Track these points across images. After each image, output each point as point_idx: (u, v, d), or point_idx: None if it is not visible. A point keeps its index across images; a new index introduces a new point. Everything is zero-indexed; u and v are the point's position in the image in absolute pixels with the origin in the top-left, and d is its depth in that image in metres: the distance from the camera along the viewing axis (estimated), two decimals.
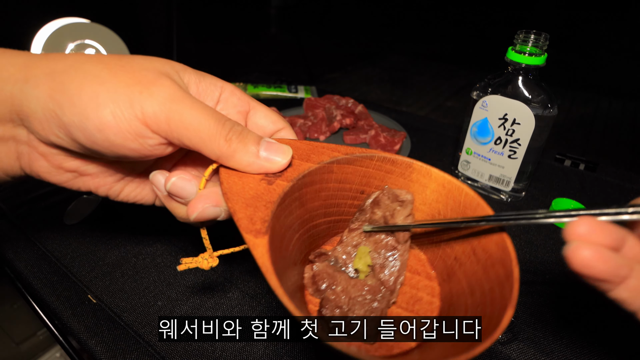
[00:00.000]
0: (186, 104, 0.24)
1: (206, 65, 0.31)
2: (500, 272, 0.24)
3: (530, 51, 0.43)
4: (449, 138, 0.67)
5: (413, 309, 0.29)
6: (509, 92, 0.46)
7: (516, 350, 0.33)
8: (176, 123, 0.24)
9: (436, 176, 0.29)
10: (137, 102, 0.23)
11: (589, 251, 0.18)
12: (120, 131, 0.23)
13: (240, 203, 0.25)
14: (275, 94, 0.83)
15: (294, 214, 0.28)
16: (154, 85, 0.24)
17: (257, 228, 0.24)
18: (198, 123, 0.24)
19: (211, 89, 0.29)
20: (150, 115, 0.23)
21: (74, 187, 0.28)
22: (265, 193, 0.26)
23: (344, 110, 0.69)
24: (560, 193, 0.54)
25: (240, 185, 0.26)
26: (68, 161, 0.26)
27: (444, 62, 1.24)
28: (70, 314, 0.35)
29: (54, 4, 0.63)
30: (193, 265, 0.27)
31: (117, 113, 0.23)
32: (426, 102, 0.95)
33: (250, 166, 0.26)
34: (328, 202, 0.31)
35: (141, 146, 0.24)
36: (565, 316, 0.36)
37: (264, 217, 0.24)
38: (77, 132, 0.23)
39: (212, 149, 0.25)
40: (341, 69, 1.14)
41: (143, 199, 0.31)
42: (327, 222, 0.32)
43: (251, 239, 0.23)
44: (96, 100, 0.23)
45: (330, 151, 0.30)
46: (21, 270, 0.39)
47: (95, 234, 0.44)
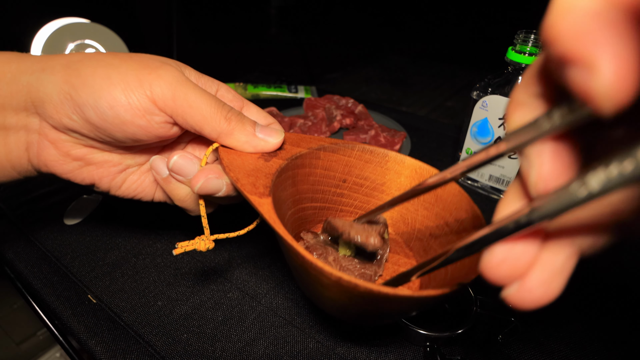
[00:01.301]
0: (190, 86, 0.26)
1: (206, 65, 0.33)
2: (469, 226, 0.27)
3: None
4: (449, 138, 0.67)
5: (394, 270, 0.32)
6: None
7: (516, 350, 0.33)
8: (181, 101, 0.26)
9: (409, 163, 0.33)
10: (147, 81, 0.25)
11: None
12: (130, 108, 0.25)
13: (242, 173, 0.27)
14: (275, 94, 0.83)
15: (288, 191, 0.30)
16: (161, 69, 0.26)
17: (260, 191, 0.26)
18: (201, 102, 0.26)
19: (209, 84, 0.31)
20: (158, 93, 0.25)
21: (78, 178, 0.29)
22: (263, 167, 0.28)
23: (344, 110, 0.69)
24: None
25: (240, 161, 0.28)
26: (76, 148, 0.28)
27: (444, 62, 1.23)
28: (70, 314, 0.35)
29: (54, 4, 0.63)
30: (190, 247, 0.28)
31: (128, 91, 0.25)
32: (426, 102, 0.95)
33: (248, 143, 0.29)
34: (315, 188, 0.34)
35: (148, 123, 0.26)
36: (565, 316, 0.36)
37: (265, 183, 0.27)
38: (89, 111, 0.25)
39: (213, 126, 0.27)
40: (341, 69, 1.14)
41: (143, 192, 0.32)
42: (313, 207, 0.35)
43: (256, 199, 0.25)
44: (108, 81, 0.25)
45: (317, 140, 0.33)
46: (21, 270, 0.39)
47: (95, 234, 0.44)
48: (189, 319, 0.34)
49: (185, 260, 0.41)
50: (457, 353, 0.33)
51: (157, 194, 0.33)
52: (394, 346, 0.33)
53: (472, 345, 0.33)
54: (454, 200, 0.30)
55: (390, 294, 0.20)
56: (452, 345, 0.33)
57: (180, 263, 0.40)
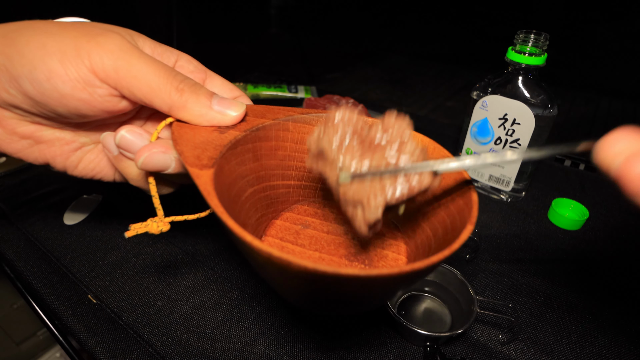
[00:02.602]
0: (134, 54, 0.24)
1: (206, 64, 0.32)
2: (461, 203, 0.25)
3: (530, 51, 0.43)
4: (449, 138, 0.67)
5: (377, 265, 0.30)
6: (508, 92, 0.45)
7: (516, 350, 0.33)
8: (124, 72, 0.24)
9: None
10: (85, 50, 0.23)
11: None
12: (68, 79, 0.23)
13: (189, 146, 0.24)
14: (275, 94, 0.83)
15: (247, 166, 0.28)
16: (102, 36, 0.24)
17: (203, 163, 0.23)
18: (147, 71, 0.24)
19: (167, 54, 0.29)
20: (98, 63, 0.23)
21: (30, 157, 0.27)
22: (215, 139, 0.26)
23: None
24: (560, 193, 0.54)
25: (191, 134, 0.26)
26: (22, 125, 0.26)
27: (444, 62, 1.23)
28: (70, 314, 0.35)
29: (54, 4, 0.63)
30: (142, 230, 0.26)
31: (65, 61, 0.22)
32: (426, 102, 0.95)
33: (203, 117, 0.26)
34: (286, 164, 0.31)
35: (91, 96, 0.24)
36: (565, 316, 0.36)
37: (211, 155, 0.24)
38: (26, 84, 0.23)
39: (163, 98, 0.25)
40: (341, 69, 1.14)
41: (102, 172, 0.30)
42: (285, 185, 0.32)
43: (195, 171, 0.22)
44: (44, 50, 0.22)
45: (286, 111, 0.30)
46: (21, 270, 0.39)
47: (95, 234, 0.43)
48: (189, 319, 0.34)
49: (186, 260, 0.41)
50: (457, 353, 0.33)
51: (117, 173, 0.30)
52: (394, 346, 0.33)
53: (472, 345, 0.33)
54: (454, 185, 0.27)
55: (329, 272, 0.17)
56: (452, 345, 0.33)
57: (181, 263, 0.40)
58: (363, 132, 0.24)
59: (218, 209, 0.20)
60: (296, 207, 0.34)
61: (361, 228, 0.23)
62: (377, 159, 0.23)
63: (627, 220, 0.49)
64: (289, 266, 0.17)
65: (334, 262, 0.29)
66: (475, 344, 0.33)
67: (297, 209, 0.34)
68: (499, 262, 0.42)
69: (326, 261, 0.29)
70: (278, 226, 0.32)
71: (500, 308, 0.35)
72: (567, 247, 0.45)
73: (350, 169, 0.23)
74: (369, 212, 0.22)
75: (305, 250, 0.30)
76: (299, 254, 0.30)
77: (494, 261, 0.42)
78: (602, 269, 0.42)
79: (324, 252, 0.30)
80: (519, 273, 0.41)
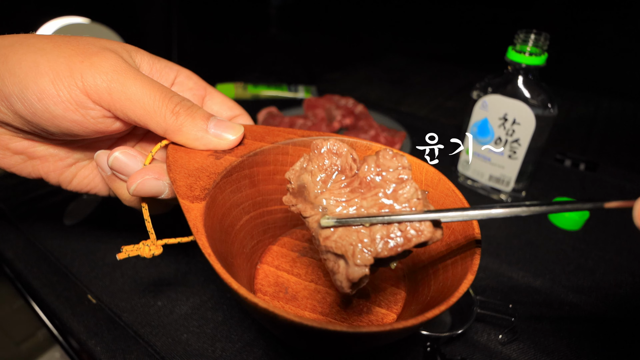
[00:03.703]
0: (129, 75, 0.23)
1: (206, 65, 0.31)
2: (462, 241, 0.23)
3: (531, 51, 0.43)
4: (449, 138, 0.67)
5: (376, 299, 0.28)
6: (509, 92, 0.45)
7: (516, 350, 0.33)
8: (118, 94, 0.23)
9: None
10: (78, 70, 0.22)
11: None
12: (60, 101, 0.22)
13: (182, 173, 0.24)
14: (275, 94, 0.83)
15: (243, 192, 0.27)
16: (96, 56, 0.23)
17: (195, 194, 0.22)
18: (142, 94, 0.23)
19: (166, 71, 0.28)
20: (91, 85, 0.22)
21: (23, 172, 0.27)
22: (210, 166, 0.25)
23: (344, 110, 0.69)
24: (560, 193, 0.54)
25: (186, 159, 0.25)
26: (15, 141, 0.25)
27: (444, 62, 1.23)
28: (70, 314, 0.35)
29: (54, 4, 0.63)
30: (134, 252, 0.25)
31: (57, 81, 0.22)
32: (426, 102, 0.95)
33: (199, 141, 0.25)
34: (284, 188, 0.29)
35: (83, 118, 0.23)
36: (565, 316, 0.36)
37: (204, 185, 0.23)
38: (17, 103, 0.22)
39: (158, 122, 0.24)
40: (341, 69, 1.14)
41: (96, 188, 0.30)
42: (283, 210, 0.31)
43: (186, 203, 0.22)
44: (36, 69, 0.22)
45: (286, 133, 0.29)
46: (21, 270, 0.39)
47: (95, 234, 0.43)
48: (189, 319, 0.34)
49: (185, 260, 0.41)
50: (457, 353, 0.33)
51: (112, 190, 0.29)
52: (393, 346, 0.33)
53: (472, 345, 0.33)
54: (446, 201, 0.26)
55: (315, 327, 0.16)
56: (452, 345, 0.33)
57: (180, 263, 0.40)
58: (353, 169, 0.21)
59: (205, 250, 0.19)
60: (294, 232, 0.33)
61: (342, 285, 0.19)
62: (368, 202, 0.20)
63: (627, 220, 0.49)
64: (275, 318, 0.17)
65: (329, 296, 0.28)
66: (475, 344, 0.33)
67: (295, 233, 0.33)
68: (499, 262, 0.42)
69: (322, 294, 0.28)
70: (275, 252, 0.31)
71: (500, 308, 0.35)
72: (567, 247, 0.45)
73: (335, 211, 0.20)
74: (353, 268, 0.18)
75: (301, 281, 0.29)
76: (294, 285, 0.29)
77: (494, 261, 0.42)
78: (602, 269, 0.42)
79: (320, 283, 0.29)
80: (519, 273, 0.41)
